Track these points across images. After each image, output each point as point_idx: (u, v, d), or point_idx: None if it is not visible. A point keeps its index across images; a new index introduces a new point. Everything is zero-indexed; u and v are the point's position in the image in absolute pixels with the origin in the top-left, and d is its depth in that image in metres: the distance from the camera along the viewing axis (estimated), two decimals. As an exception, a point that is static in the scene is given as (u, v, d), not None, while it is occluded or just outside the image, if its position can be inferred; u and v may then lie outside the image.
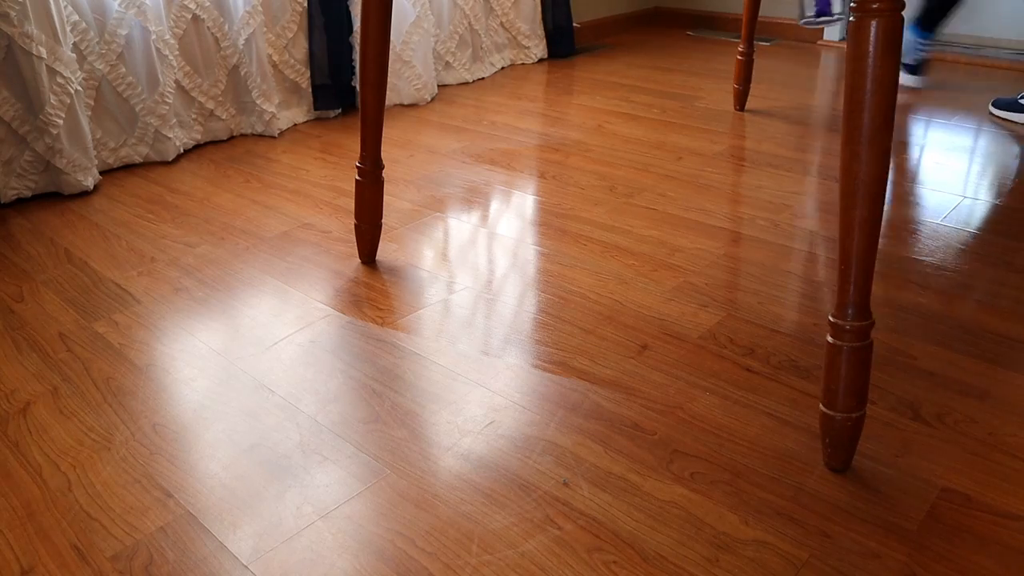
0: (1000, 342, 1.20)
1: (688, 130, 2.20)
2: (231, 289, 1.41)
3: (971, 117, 2.26)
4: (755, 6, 2.18)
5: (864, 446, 0.99)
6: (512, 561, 0.84)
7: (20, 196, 1.80)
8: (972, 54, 2.89)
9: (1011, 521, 0.88)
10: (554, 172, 1.92)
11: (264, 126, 2.22)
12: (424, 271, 1.47)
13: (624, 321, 1.28)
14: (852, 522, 0.88)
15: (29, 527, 0.91)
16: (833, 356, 0.90)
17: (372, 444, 1.02)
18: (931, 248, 1.50)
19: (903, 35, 2.01)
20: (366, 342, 1.25)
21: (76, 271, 1.49)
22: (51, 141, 1.77)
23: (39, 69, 1.73)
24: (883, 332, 1.23)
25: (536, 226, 1.63)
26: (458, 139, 2.18)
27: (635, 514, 0.90)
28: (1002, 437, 1.01)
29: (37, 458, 1.02)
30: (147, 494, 0.95)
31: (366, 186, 1.44)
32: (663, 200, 1.74)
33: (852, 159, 0.84)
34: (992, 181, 1.80)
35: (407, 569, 0.84)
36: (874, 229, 0.86)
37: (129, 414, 1.09)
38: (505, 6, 2.85)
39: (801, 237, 1.56)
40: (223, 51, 2.14)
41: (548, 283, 1.41)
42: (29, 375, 1.19)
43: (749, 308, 1.31)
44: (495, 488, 0.94)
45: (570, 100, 2.53)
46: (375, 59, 1.33)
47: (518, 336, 1.25)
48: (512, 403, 1.09)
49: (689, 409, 1.07)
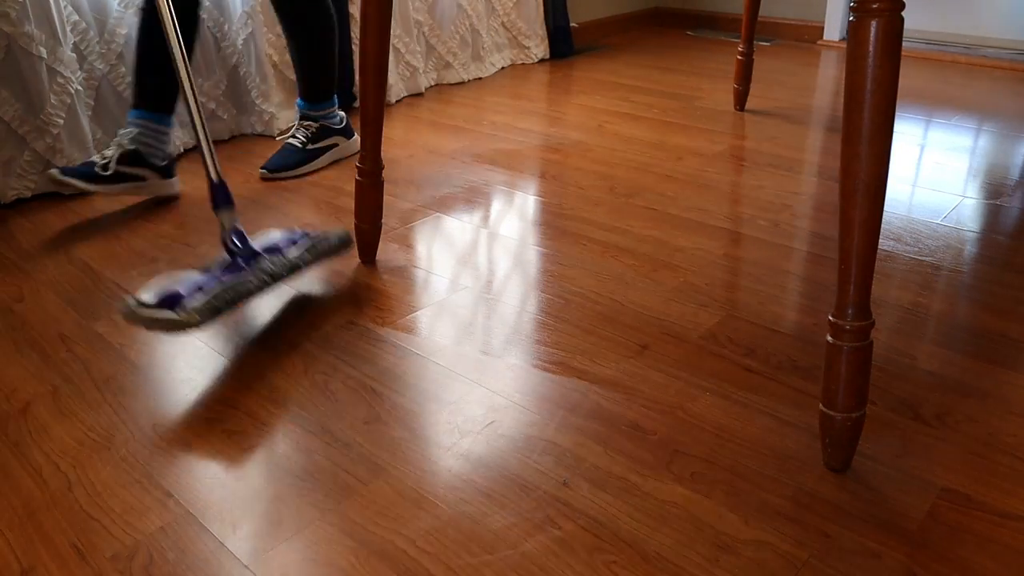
0: (1000, 342, 1.20)
1: (688, 130, 2.20)
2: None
3: (971, 117, 2.26)
4: (755, 6, 2.18)
5: (864, 446, 0.99)
6: (512, 561, 0.84)
7: (20, 196, 1.80)
8: (972, 54, 2.89)
9: (1011, 521, 0.88)
10: (554, 172, 1.92)
11: (264, 126, 2.22)
12: (424, 271, 1.47)
13: (624, 321, 1.28)
14: (852, 522, 0.88)
15: (29, 527, 0.91)
16: (833, 356, 0.90)
17: (372, 444, 1.02)
18: (931, 248, 1.50)
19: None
20: (366, 342, 1.25)
21: (76, 271, 1.49)
22: (51, 141, 1.77)
23: (39, 69, 1.72)
24: (883, 332, 1.23)
25: (536, 226, 1.63)
26: (458, 139, 2.18)
27: (635, 514, 0.90)
28: (1002, 437, 1.01)
29: (37, 458, 1.02)
30: (147, 494, 0.95)
31: (366, 186, 1.44)
32: (663, 200, 1.74)
33: (852, 159, 0.84)
34: (992, 181, 1.80)
35: (407, 569, 0.84)
36: (874, 229, 0.86)
37: (129, 414, 1.09)
38: (507, 6, 2.85)
39: (801, 237, 1.56)
40: (223, 51, 2.14)
41: (548, 283, 1.41)
42: (29, 375, 1.19)
43: (749, 308, 1.31)
44: (495, 488, 0.94)
45: (570, 100, 2.53)
46: (375, 60, 1.33)
47: (518, 336, 1.25)
48: (512, 403, 1.09)
49: (689, 409, 1.07)
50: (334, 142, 2.01)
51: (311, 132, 1.97)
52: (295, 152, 1.95)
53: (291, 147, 1.96)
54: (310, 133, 1.97)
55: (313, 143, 1.97)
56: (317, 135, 1.98)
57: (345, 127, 2.05)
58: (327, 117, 2.00)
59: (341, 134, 2.03)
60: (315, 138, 1.98)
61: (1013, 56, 2.84)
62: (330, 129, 2.00)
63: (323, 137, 1.99)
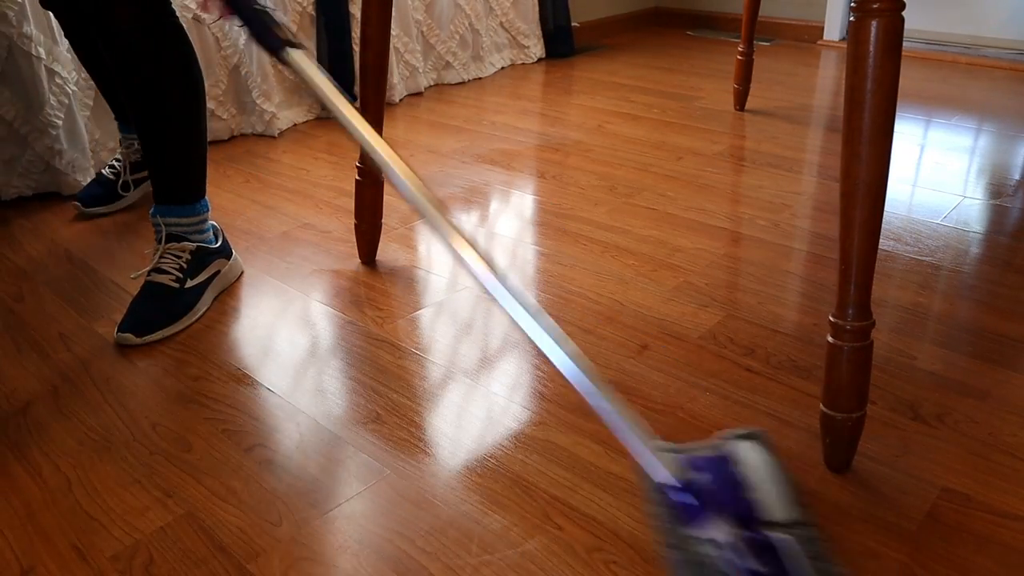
0: (1000, 342, 1.20)
1: (688, 130, 2.20)
2: (231, 289, 1.41)
3: (971, 117, 2.26)
4: (755, 6, 2.18)
5: (864, 446, 0.99)
6: (512, 561, 0.84)
7: (21, 195, 1.80)
8: (972, 54, 2.89)
9: (1011, 521, 0.88)
10: (554, 172, 1.92)
11: (264, 126, 2.22)
12: (424, 271, 1.47)
13: (624, 321, 1.28)
14: (852, 522, 0.88)
15: (29, 527, 0.91)
16: (833, 356, 0.90)
17: (372, 444, 1.02)
18: (931, 248, 1.50)
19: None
20: (366, 342, 1.25)
21: (76, 271, 1.49)
22: (51, 142, 1.77)
23: (38, 70, 1.73)
24: (883, 332, 1.23)
25: (536, 226, 1.63)
26: (458, 139, 2.18)
27: (635, 514, 0.90)
28: (1002, 437, 1.01)
29: (37, 458, 1.01)
30: (147, 494, 0.95)
31: (366, 186, 1.44)
32: (663, 200, 1.74)
33: (852, 159, 0.84)
34: (992, 181, 1.80)
35: (407, 569, 0.84)
36: (874, 229, 0.86)
37: (129, 414, 1.09)
38: (504, 6, 2.85)
39: (801, 237, 1.56)
40: (224, 51, 2.14)
41: (548, 283, 1.41)
42: (29, 375, 1.19)
43: (749, 308, 1.31)
44: (495, 488, 0.94)
45: (570, 100, 2.53)
46: (375, 59, 1.33)
47: (518, 336, 1.25)
48: (512, 403, 1.09)
49: (689, 409, 1.07)
50: (216, 268, 1.38)
51: (184, 261, 1.33)
52: (168, 296, 1.29)
53: (158, 288, 1.29)
54: (182, 263, 1.32)
55: (192, 276, 1.33)
56: (193, 263, 1.33)
57: (222, 244, 1.41)
58: (198, 231, 1.36)
59: (220, 255, 1.39)
60: (192, 268, 1.33)
61: (1013, 56, 2.84)
62: (207, 251, 1.36)
63: (202, 265, 1.35)
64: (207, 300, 1.35)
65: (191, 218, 1.34)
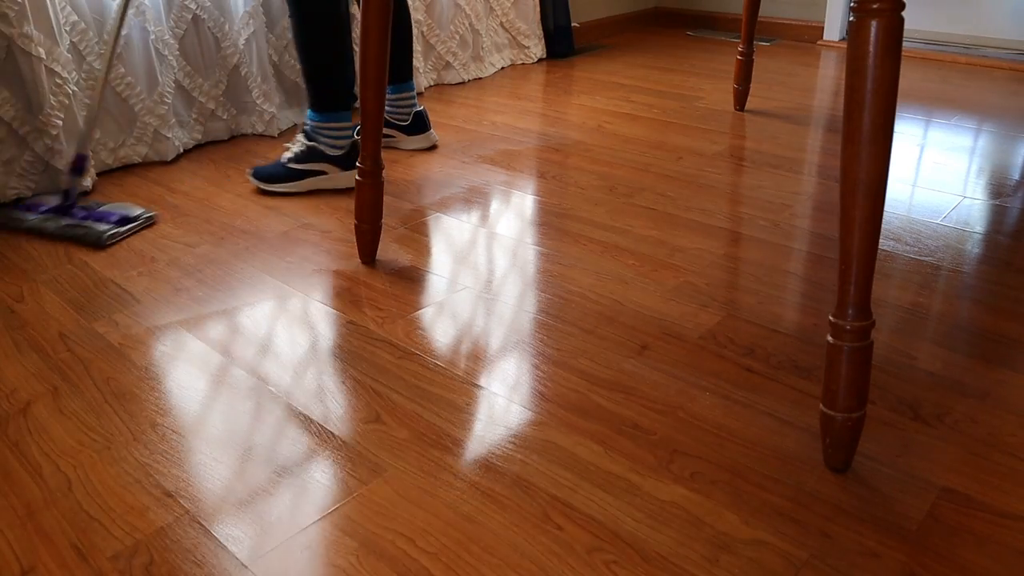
0: (1000, 342, 1.20)
1: (688, 130, 2.20)
2: (231, 289, 1.41)
3: (971, 117, 2.26)
4: (755, 6, 2.18)
5: (864, 446, 0.99)
6: (512, 561, 0.84)
7: (20, 196, 1.80)
8: (972, 54, 2.89)
9: (1011, 521, 0.88)
10: (554, 172, 1.92)
11: (265, 126, 2.22)
12: (424, 271, 1.47)
13: (624, 321, 1.28)
14: (852, 522, 0.88)
15: (29, 527, 0.91)
16: (833, 356, 0.90)
17: (372, 444, 1.02)
18: (931, 248, 1.50)
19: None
20: (366, 342, 1.25)
21: (76, 271, 1.49)
22: (50, 142, 1.77)
23: (38, 69, 1.72)
24: (883, 332, 1.23)
25: (536, 226, 1.63)
26: (458, 139, 2.18)
27: (635, 514, 0.90)
28: (1002, 437, 1.01)
29: (37, 458, 1.02)
30: (147, 494, 0.95)
31: (366, 186, 1.44)
32: (663, 200, 1.74)
33: (852, 159, 0.84)
34: (992, 181, 1.80)
35: (407, 569, 0.84)
36: (874, 229, 0.86)
37: (129, 414, 1.09)
38: (505, 6, 2.86)
39: (801, 237, 1.56)
40: (224, 51, 2.14)
41: (548, 283, 1.41)
42: (29, 375, 1.19)
43: (749, 308, 1.31)
44: (495, 488, 0.94)
45: (570, 100, 2.53)
46: (375, 60, 1.33)
47: (518, 336, 1.25)
48: (512, 403, 1.09)
49: (689, 409, 1.07)
50: (321, 168, 1.79)
51: (299, 150, 1.78)
52: (276, 166, 1.81)
53: (280, 160, 1.81)
54: (297, 150, 1.78)
55: (297, 162, 1.78)
56: (303, 156, 1.77)
57: (343, 156, 1.80)
58: (325, 134, 1.77)
59: (332, 162, 1.79)
60: (300, 157, 1.77)
61: (1013, 56, 2.84)
62: (319, 153, 1.77)
63: (309, 159, 1.77)
64: (301, 185, 1.80)
65: (315, 122, 1.76)
